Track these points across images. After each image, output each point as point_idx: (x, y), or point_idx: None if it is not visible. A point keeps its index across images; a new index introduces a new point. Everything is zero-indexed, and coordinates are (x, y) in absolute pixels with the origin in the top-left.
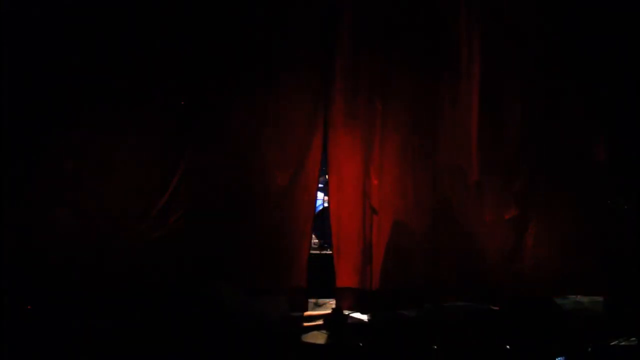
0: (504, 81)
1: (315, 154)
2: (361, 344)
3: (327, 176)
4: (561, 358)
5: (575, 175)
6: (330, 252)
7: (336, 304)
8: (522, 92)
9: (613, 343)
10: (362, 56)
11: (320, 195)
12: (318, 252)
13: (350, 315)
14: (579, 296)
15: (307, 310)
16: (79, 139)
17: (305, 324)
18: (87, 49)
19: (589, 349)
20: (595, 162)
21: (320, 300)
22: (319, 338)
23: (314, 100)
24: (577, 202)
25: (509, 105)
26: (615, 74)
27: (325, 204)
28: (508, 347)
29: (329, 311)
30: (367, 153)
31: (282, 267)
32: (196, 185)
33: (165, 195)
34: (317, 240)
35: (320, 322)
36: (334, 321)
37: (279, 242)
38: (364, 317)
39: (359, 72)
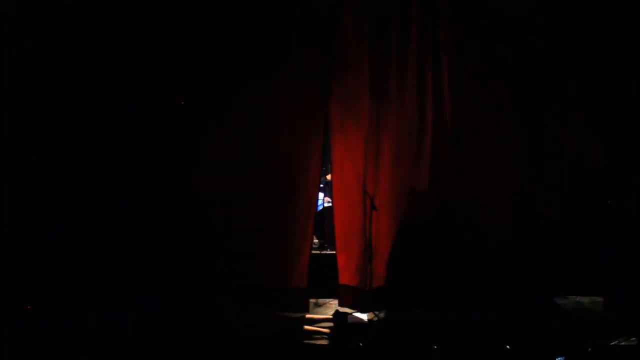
0: (504, 81)
1: (316, 154)
2: (361, 344)
3: (327, 176)
4: (561, 358)
5: (576, 175)
6: (330, 252)
7: (338, 301)
8: (522, 93)
9: (613, 343)
10: (362, 56)
11: (320, 195)
12: (318, 252)
13: (350, 315)
14: (578, 296)
15: (308, 311)
16: (78, 139)
17: (306, 327)
18: (87, 49)
19: (589, 349)
20: (595, 162)
21: (321, 300)
22: (319, 339)
23: (315, 100)
24: (578, 202)
25: (509, 106)
26: (616, 74)
27: (326, 204)
28: (508, 347)
29: (329, 315)
30: (369, 152)
31: (283, 268)
32: (196, 186)
33: (165, 196)
34: (317, 240)
35: (321, 324)
36: (334, 323)
37: (280, 243)
38: (364, 317)
39: (359, 71)
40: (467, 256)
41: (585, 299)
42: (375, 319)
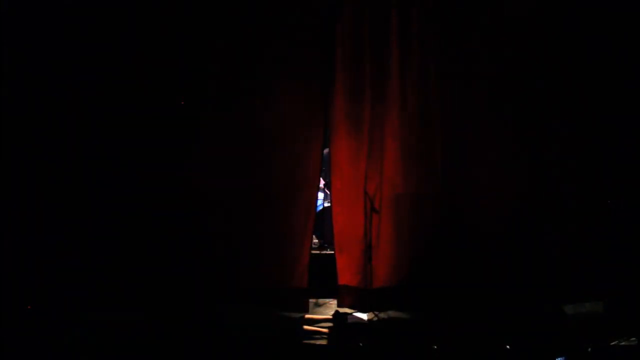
0: (505, 81)
1: (316, 154)
2: (361, 344)
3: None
4: (561, 358)
5: (576, 175)
6: (330, 252)
7: (338, 302)
8: (523, 92)
9: (613, 343)
10: (362, 56)
11: (320, 195)
12: (318, 252)
13: (350, 315)
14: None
15: (308, 311)
16: (78, 138)
17: (306, 327)
18: (87, 49)
19: (589, 349)
20: (595, 162)
21: (321, 300)
22: (319, 339)
23: (314, 101)
24: (578, 202)
25: (510, 106)
26: (616, 74)
27: (326, 204)
28: (508, 347)
29: (329, 315)
30: (369, 153)
31: (283, 268)
32: (195, 186)
33: (165, 196)
34: (317, 240)
35: (321, 324)
36: (334, 323)
37: (280, 243)
38: (364, 317)
39: (360, 72)
40: (468, 257)
41: None
42: (375, 319)
